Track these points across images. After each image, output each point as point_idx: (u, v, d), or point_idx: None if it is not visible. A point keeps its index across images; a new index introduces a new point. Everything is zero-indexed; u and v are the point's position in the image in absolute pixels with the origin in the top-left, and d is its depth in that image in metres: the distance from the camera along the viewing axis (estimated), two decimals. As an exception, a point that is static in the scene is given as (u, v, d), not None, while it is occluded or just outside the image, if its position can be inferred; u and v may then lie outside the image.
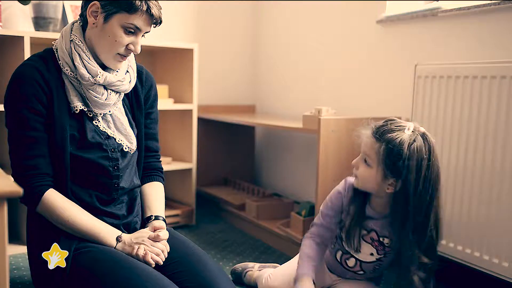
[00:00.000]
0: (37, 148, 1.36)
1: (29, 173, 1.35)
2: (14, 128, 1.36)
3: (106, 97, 1.43)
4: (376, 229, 1.49)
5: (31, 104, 1.34)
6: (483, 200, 1.66)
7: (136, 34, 1.41)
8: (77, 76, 1.39)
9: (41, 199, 1.35)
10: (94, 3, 1.38)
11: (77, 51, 1.40)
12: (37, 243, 1.40)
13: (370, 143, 1.41)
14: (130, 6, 1.36)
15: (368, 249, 1.51)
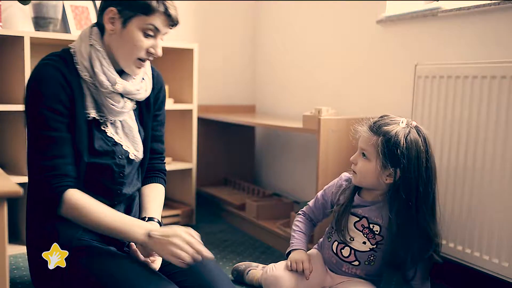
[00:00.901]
0: (56, 149, 1.32)
1: (48, 174, 1.31)
2: (35, 128, 1.33)
3: (123, 105, 1.42)
4: (366, 215, 1.55)
5: (53, 104, 1.31)
6: (483, 200, 1.66)
7: (156, 37, 1.40)
8: (96, 83, 1.37)
9: (63, 200, 1.30)
10: (111, 10, 1.36)
11: (97, 57, 1.38)
12: (36, 243, 1.39)
13: (367, 137, 1.50)
14: (147, 8, 1.35)
15: (360, 238, 1.56)
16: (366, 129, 1.52)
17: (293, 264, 1.58)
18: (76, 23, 2.38)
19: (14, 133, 2.14)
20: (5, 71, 2.17)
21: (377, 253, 1.56)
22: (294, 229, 1.69)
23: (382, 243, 1.55)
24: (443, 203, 1.79)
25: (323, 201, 1.68)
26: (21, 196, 0.86)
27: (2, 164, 2.19)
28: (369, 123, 1.53)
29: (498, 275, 1.63)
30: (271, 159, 3.06)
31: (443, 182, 1.79)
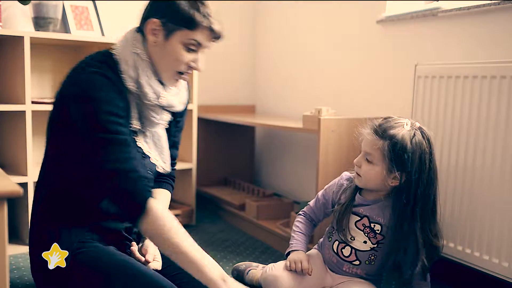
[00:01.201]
0: (128, 151, 1.27)
1: (129, 176, 1.24)
2: (100, 133, 1.25)
3: (161, 117, 1.41)
4: (367, 214, 1.55)
5: (115, 109, 1.26)
6: (483, 200, 1.66)
7: (197, 51, 1.38)
8: (140, 94, 1.34)
9: (147, 208, 1.23)
10: (153, 21, 1.34)
11: (142, 67, 1.35)
12: (39, 244, 1.39)
13: (372, 141, 1.48)
14: (192, 23, 1.32)
15: (361, 237, 1.56)
16: (370, 132, 1.50)
17: (292, 264, 1.58)
18: (76, 23, 2.38)
19: (14, 133, 2.14)
20: (5, 71, 2.17)
21: (377, 252, 1.56)
22: (294, 229, 1.69)
23: (383, 243, 1.55)
24: (443, 203, 1.79)
25: (324, 200, 1.68)
26: (21, 196, 0.86)
27: (2, 164, 2.19)
28: (373, 125, 1.51)
29: (498, 275, 1.63)
30: (271, 159, 3.06)
31: (443, 182, 1.79)
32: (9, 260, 1.98)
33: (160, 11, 1.35)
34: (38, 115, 2.30)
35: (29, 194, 2.06)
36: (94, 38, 2.21)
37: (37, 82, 2.36)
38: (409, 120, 1.51)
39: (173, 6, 1.33)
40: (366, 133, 1.51)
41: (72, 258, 1.32)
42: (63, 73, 2.43)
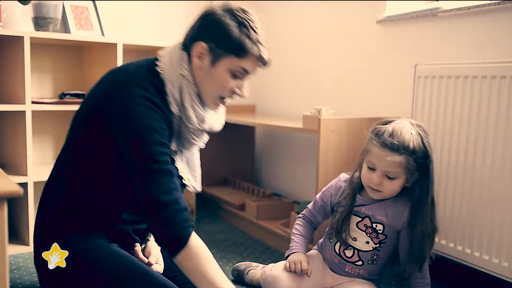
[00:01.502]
0: (171, 182, 1.26)
1: (172, 209, 1.23)
2: (147, 162, 1.24)
3: (200, 139, 1.41)
4: (369, 214, 1.55)
5: (163, 138, 1.25)
6: (483, 200, 1.66)
7: (243, 78, 1.35)
8: (182, 117, 1.33)
9: (188, 243, 1.23)
10: (201, 45, 1.31)
11: (187, 91, 1.32)
12: (47, 240, 1.37)
13: (392, 161, 1.45)
14: (241, 50, 1.29)
15: (363, 238, 1.56)
16: (386, 150, 1.45)
17: (292, 265, 1.58)
18: (76, 23, 2.38)
19: (14, 133, 2.14)
20: (5, 71, 2.18)
21: (380, 252, 1.56)
22: (294, 232, 1.69)
23: (385, 242, 1.55)
24: (443, 203, 1.79)
25: (322, 203, 1.68)
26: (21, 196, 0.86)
27: (2, 164, 2.19)
28: (384, 142, 1.45)
29: (498, 275, 1.63)
30: (271, 159, 3.06)
31: (443, 182, 1.79)
32: (9, 260, 1.98)
33: (209, 35, 1.31)
34: (38, 115, 2.31)
35: (29, 194, 2.06)
36: (94, 38, 2.21)
37: (37, 82, 2.36)
38: (406, 121, 1.50)
39: (223, 31, 1.29)
40: (382, 155, 1.45)
41: (77, 255, 1.32)
42: (63, 73, 2.46)
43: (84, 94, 2.29)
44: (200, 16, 1.36)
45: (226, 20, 1.30)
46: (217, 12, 1.32)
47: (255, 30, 1.31)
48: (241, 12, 1.33)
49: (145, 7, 2.68)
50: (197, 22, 1.36)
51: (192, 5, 2.89)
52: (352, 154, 1.94)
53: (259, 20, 1.35)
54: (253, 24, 1.32)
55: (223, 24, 1.30)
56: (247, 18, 1.32)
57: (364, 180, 1.54)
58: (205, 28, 1.33)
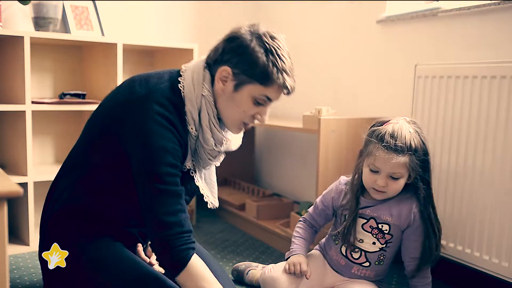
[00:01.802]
0: (178, 203, 1.26)
1: (174, 232, 1.24)
2: (156, 183, 1.24)
3: (217, 159, 1.41)
4: (374, 215, 1.54)
5: (175, 159, 1.25)
6: (483, 200, 1.66)
7: (265, 105, 1.33)
8: (199, 136, 1.32)
9: (187, 266, 1.25)
10: (225, 69, 1.29)
11: (207, 112, 1.30)
12: (53, 236, 1.37)
13: (397, 162, 1.45)
14: (266, 79, 1.27)
15: (369, 239, 1.55)
16: (390, 153, 1.45)
17: (291, 267, 1.57)
18: (76, 23, 2.38)
19: (14, 133, 2.14)
20: (5, 71, 2.17)
21: (386, 252, 1.56)
22: (295, 235, 1.68)
23: (391, 242, 1.55)
24: (443, 203, 1.79)
25: (323, 207, 1.66)
26: (21, 196, 0.86)
27: (2, 164, 2.19)
28: (387, 144, 1.45)
29: (498, 275, 1.63)
30: (271, 159, 3.06)
31: (443, 182, 1.79)
32: (9, 260, 1.98)
33: (234, 60, 1.28)
34: (38, 115, 2.31)
35: (29, 194, 2.06)
36: (94, 38, 2.21)
37: (37, 82, 2.36)
38: (401, 119, 1.51)
39: (249, 57, 1.27)
40: (388, 158, 1.45)
41: (81, 252, 1.32)
42: (63, 73, 2.46)
43: (84, 94, 2.29)
44: (227, 38, 1.32)
45: (253, 46, 1.27)
46: (244, 36, 1.29)
47: (282, 58, 1.28)
48: (269, 39, 1.29)
49: (145, 7, 2.68)
50: (222, 44, 1.32)
51: (192, 5, 2.89)
52: (352, 154, 1.94)
53: (286, 46, 1.31)
54: (280, 52, 1.28)
55: (249, 50, 1.27)
56: (274, 45, 1.28)
57: (367, 183, 1.53)
58: (231, 52, 1.29)
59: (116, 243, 1.37)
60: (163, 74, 1.36)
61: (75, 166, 1.41)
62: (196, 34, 2.92)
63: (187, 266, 1.25)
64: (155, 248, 1.29)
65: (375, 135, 1.49)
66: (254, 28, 1.30)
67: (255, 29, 1.30)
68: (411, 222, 1.52)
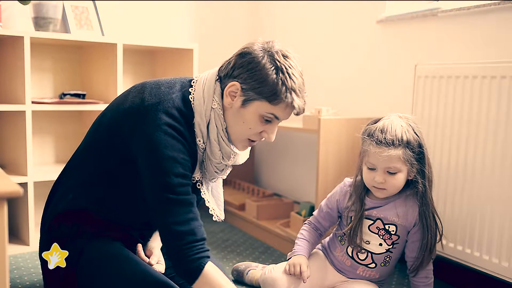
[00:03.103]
0: (190, 212, 1.25)
1: (187, 241, 1.23)
2: (167, 193, 1.24)
3: (224, 172, 1.40)
4: (381, 216, 1.54)
5: (185, 170, 1.25)
6: (483, 200, 1.66)
7: (273, 123, 1.32)
8: (207, 149, 1.31)
9: (202, 274, 1.24)
10: (234, 84, 1.28)
11: (215, 125, 1.30)
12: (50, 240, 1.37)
13: (390, 156, 1.46)
14: (274, 97, 1.26)
15: (376, 240, 1.55)
16: (381, 147, 1.46)
17: (291, 268, 1.56)
18: (76, 23, 2.38)
19: (14, 133, 2.14)
20: (5, 71, 2.18)
21: (392, 253, 1.56)
22: (298, 237, 1.67)
23: (398, 243, 1.55)
24: (443, 203, 1.79)
25: (328, 209, 1.65)
26: (21, 196, 0.86)
27: (2, 164, 2.19)
28: (377, 139, 1.47)
29: (498, 275, 1.63)
30: (271, 159, 3.06)
31: (443, 182, 1.79)
32: (9, 260, 1.98)
33: (244, 76, 1.27)
34: (38, 115, 2.31)
35: (29, 194, 2.06)
36: (94, 38, 2.21)
37: (37, 82, 2.36)
38: (394, 115, 1.52)
39: (259, 74, 1.26)
40: (378, 152, 1.46)
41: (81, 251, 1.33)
42: (63, 73, 2.46)
43: (84, 94, 2.29)
44: (239, 53, 1.31)
45: (264, 63, 1.26)
46: (256, 52, 1.28)
47: (292, 77, 1.28)
48: (281, 57, 1.28)
49: (145, 7, 2.68)
50: (234, 58, 1.32)
51: (192, 5, 2.89)
52: (352, 154, 1.94)
53: (298, 66, 1.31)
54: (291, 71, 1.28)
55: (259, 67, 1.26)
56: (286, 64, 1.27)
57: (366, 182, 1.53)
58: (241, 67, 1.28)
59: (116, 243, 1.37)
60: (175, 83, 1.34)
61: (80, 168, 1.41)
62: (196, 34, 2.92)
63: (202, 274, 1.23)
64: (170, 258, 1.29)
65: (366, 133, 1.52)
66: (268, 45, 1.30)
67: (269, 46, 1.30)
68: (417, 221, 1.53)
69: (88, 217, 1.37)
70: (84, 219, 1.36)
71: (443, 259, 1.82)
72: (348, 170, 1.93)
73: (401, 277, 1.93)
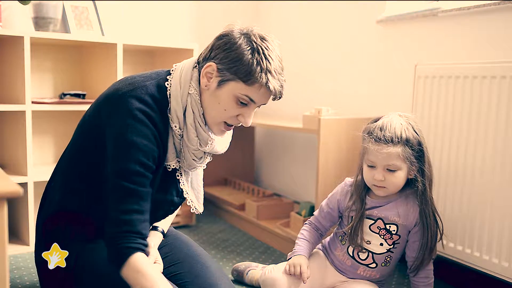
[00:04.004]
0: (137, 203, 1.23)
1: (122, 230, 1.21)
2: (120, 178, 1.22)
3: (203, 161, 1.38)
4: (382, 216, 1.54)
5: (146, 159, 1.23)
6: (483, 200, 1.66)
7: (249, 106, 1.30)
8: (183, 136, 1.30)
9: (127, 261, 1.21)
10: (210, 65, 1.27)
11: (192, 110, 1.28)
12: (46, 243, 1.37)
13: (389, 153, 1.47)
14: (248, 77, 1.24)
15: (377, 240, 1.55)
16: (381, 144, 1.47)
17: (291, 268, 1.56)
18: (76, 23, 2.38)
19: (14, 133, 2.14)
20: (5, 71, 2.18)
21: (393, 253, 1.56)
22: (299, 237, 1.67)
23: (399, 243, 1.55)
24: (443, 203, 1.79)
25: (329, 209, 1.65)
26: (21, 196, 0.86)
27: (2, 164, 2.19)
28: (377, 137, 1.48)
29: (498, 275, 1.63)
30: (271, 159, 3.06)
31: (443, 182, 1.79)
32: (9, 260, 1.98)
33: (220, 56, 1.27)
34: (38, 115, 2.31)
35: (29, 194, 2.06)
36: (94, 38, 2.21)
37: (37, 82, 2.36)
38: (393, 114, 1.53)
39: (234, 54, 1.25)
40: (377, 149, 1.47)
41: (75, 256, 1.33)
42: (63, 73, 2.46)
43: (84, 94, 2.29)
44: (217, 36, 1.32)
45: (240, 43, 1.26)
46: (233, 34, 1.28)
47: (268, 59, 1.26)
48: (258, 39, 1.27)
49: (145, 7, 2.68)
50: (212, 42, 1.33)
51: (192, 5, 2.89)
52: (352, 154, 1.94)
53: (276, 50, 1.30)
54: (268, 53, 1.27)
55: (235, 47, 1.26)
56: (263, 45, 1.27)
57: (367, 180, 1.53)
58: (218, 48, 1.29)
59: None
60: (151, 74, 1.35)
61: (65, 168, 1.41)
62: (196, 34, 2.92)
63: (127, 262, 1.20)
64: (105, 242, 1.27)
65: (366, 131, 1.53)
66: (247, 29, 1.30)
67: (247, 29, 1.30)
68: (417, 221, 1.53)
69: (78, 218, 1.36)
70: (75, 220, 1.36)
71: (443, 259, 1.82)
72: (348, 170, 1.93)
73: (401, 277, 1.93)
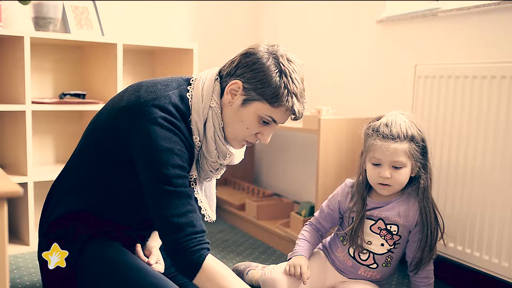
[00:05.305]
0: (188, 204, 1.23)
1: (185, 233, 1.20)
2: (164, 185, 1.22)
3: (218, 172, 1.39)
4: (383, 216, 1.54)
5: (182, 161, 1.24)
6: (483, 200, 1.66)
7: (270, 125, 1.31)
8: (203, 148, 1.31)
9: (201, 268, 1.20)
10: (236, 82, 1.28)
11: (212, 124, 1.29)
12: (52, 235, 1.37)
13: (395, 149, 1.47)
14: (275, 99, 1.26)
15: (378, 240, 1.55)
16: (387, 141, 1.47)
17: (291, 269, 1.56)
18: (76, 23, 2.38)
19: (14, 133, 2.14)
20: (5, 71, 2.18)
21: (393, 254, 1.56)
22: (299, 237, 1.67)
23: (399, 243, 1.55)
24: (443, 203, 1.79)
25: (330, 210, 1.65)
26: (21, 196, 0.86)
27: (2, 164, 2.19)
28: (383, 134, 1.48)
29: (498, 275, 1.63)
30: (271, 159, 3.06)
31: (443, 182, 1.79)
32: (9, 260, 1.98)
33: (247, 75, 1.28)
34: (38, 115, 2.31)
35: (29, 194, 2.06)
36: (94, 38, 2.21)
37: (37, 82, 2.36)
38: (396, 112, 1.54)
39: (262, 75, 1.26)
40: (385, 146, 1.47)
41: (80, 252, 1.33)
42: (63, 73, 2.46)
43: (84, 94, 2.29)
44: (244, 53, 1.32)
45: (269, 65, 1.27)
46: (261, 53, 1.29)
47: (295, 82, 1.29)
48: (286, 61, 1.29)
49: (145, 7, 2.68)
50: (238, 58, 1.32)
51: (192, 5, 2.89)
52: (352, 154, 1.95)
53: (301, 72, 1.33)
54: (294, 76, 1.29)
55: (264, 68, 1.26)
56: (290, 68, 1.29)
57: (371, 179, 1.53)
58: (245, 66, 1.29)
59: (114, 243, 1.37)
60: (171, 81, 1.34)
61: (78, 169, 1.40)
62: (196, 34, 2.92)
63: (203, 266, 1.20)
64: (168, 252, 1.26)
65: (371, 129, 1.53)
66: (273, 48, 1.31)
67: (274, 49, 1.31)
68: (418, 220, 1.53)
69: (87, 218, 1.37)
70: (83, 220, 1.36)
71: (443, 259, 1.82)
72: (348, 170, 1.93)
73: (401, 277, 1.93)
